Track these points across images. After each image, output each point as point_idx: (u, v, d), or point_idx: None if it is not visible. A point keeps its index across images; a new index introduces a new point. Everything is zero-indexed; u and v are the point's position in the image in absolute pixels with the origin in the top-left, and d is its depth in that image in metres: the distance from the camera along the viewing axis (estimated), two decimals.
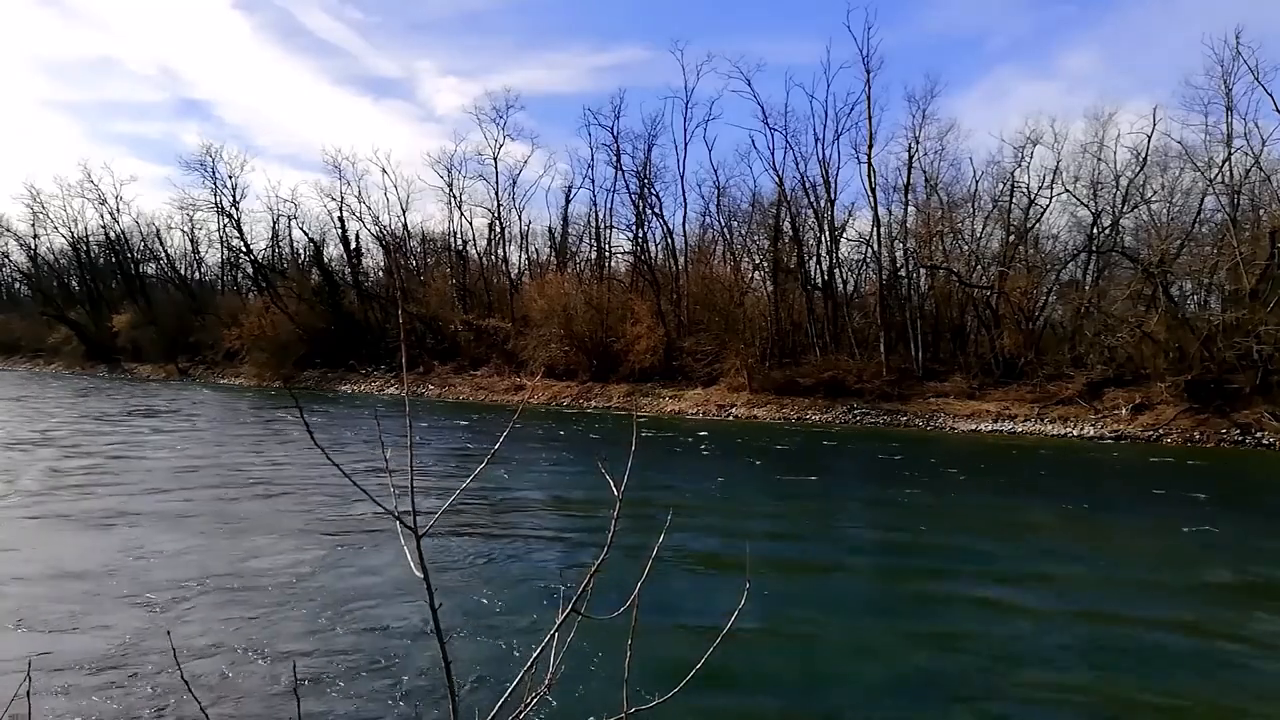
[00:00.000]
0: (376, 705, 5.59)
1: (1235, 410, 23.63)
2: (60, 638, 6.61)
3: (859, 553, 10.82)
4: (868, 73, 33.69)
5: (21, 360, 61.84)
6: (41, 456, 16.45)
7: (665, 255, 42.21)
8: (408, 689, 5.83)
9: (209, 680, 5.85)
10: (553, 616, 1.62)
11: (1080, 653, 7.00)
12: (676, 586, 8.51)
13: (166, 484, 13.73)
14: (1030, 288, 30.58)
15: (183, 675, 5.45)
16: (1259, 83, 26.39)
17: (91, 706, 5.43)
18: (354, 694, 5.75)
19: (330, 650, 6.52)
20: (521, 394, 36.85)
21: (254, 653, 6.40)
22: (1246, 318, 23.76)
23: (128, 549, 9.35)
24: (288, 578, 8.45)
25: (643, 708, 1.65)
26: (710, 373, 34.30)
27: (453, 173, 47.79)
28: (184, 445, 19.13)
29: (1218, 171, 27.53)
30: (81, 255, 61.88)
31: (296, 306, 48.38)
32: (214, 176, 50.69)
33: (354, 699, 5.67)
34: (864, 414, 29.05)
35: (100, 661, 6.15)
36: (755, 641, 7.00)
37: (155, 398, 35.00)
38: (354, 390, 42.20)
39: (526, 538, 10.66)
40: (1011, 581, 9.39)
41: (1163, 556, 10.88)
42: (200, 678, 5.86)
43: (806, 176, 36.10)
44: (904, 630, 7.58)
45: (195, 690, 5.56)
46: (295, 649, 6.51)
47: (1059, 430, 25.49)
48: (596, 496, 13.53)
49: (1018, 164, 32.54)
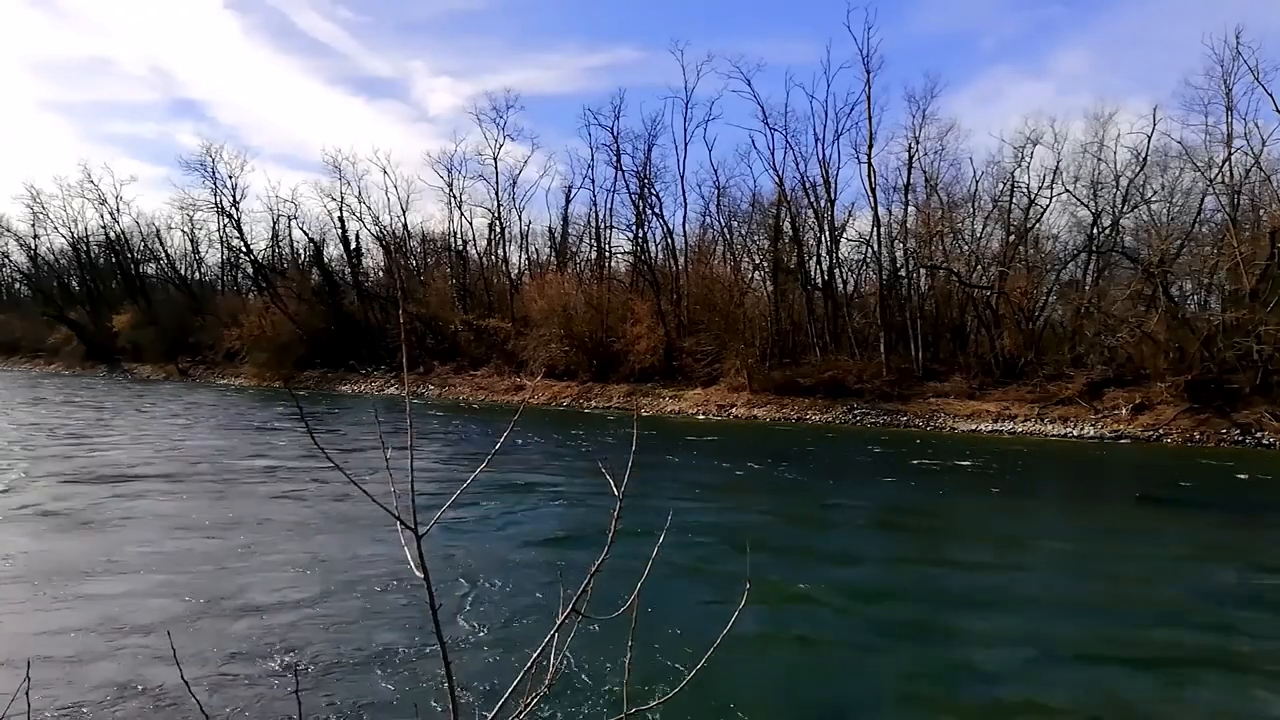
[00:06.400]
0: (376, 705, 5.59)
1: (1235, 410, 23.63)
2: (60, 638, 6.60)
3: (859, 554, 10.82)
4: (868, 73, 33.72)
5: (21, 360, 61.82)
6: (40, 457, 16.44)
7: (665, 255, 42.22)
8: (408, 689, 5.83)
9: (209, 681, 5.85)
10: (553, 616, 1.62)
11: (1082, 653, 6.99)
12: (677, 587, 8.51)
13: (166, 484, 13.72)
14: (1030, 288, 30.58)
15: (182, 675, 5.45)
16: (1259, 83, 26.41)
17: (91, 707, 5.42)
18: (354, 694, 5.75)
19: (330, 650, 6.51)
20: (521, 394, 36.85)
21: (254, 653, 6.39)
22: (1246, 318, 23.76)
23: (127, 549, 9.34)
24: (287, 578, 8.45)
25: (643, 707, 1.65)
26: (710, 373, 34.29)
27: (453, 173, 47.87)
28: (183, 445, 19.12)
29: (1218, 171, 27.53)
30: (81, 255, 61.89)
31: (296, 307, 48.35)
32: (214, 177, 50.71)
33: (354, 699, 5.67)
34: (864, 414, 29.05)
35: (100, 662, 6.14)
36: (755, 642, 7.00)
37: (155, 398, 34.99)
38: (354, 390, 42.19)
39: (526, 537, 10.66)
40: (1011, 581, 9.39)
41: (1163, 557, 10.87)
42: (200, 678, 5.86)
43: (806, 176, 36.16)
44: (904, 631, 7.57)
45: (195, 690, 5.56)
46: (296, 649, 6.50)
47: (1059, 430, 25.48)
48: (597, 497, 13.52)
49: (1018, 164, 32.58)
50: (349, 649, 6.55)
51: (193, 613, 7.29)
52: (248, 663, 6.21)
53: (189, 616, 7.18)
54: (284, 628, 6.99)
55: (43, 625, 6.91)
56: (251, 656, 6.32)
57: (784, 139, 42.77)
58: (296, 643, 6.65)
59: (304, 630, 6.95)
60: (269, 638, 6.73)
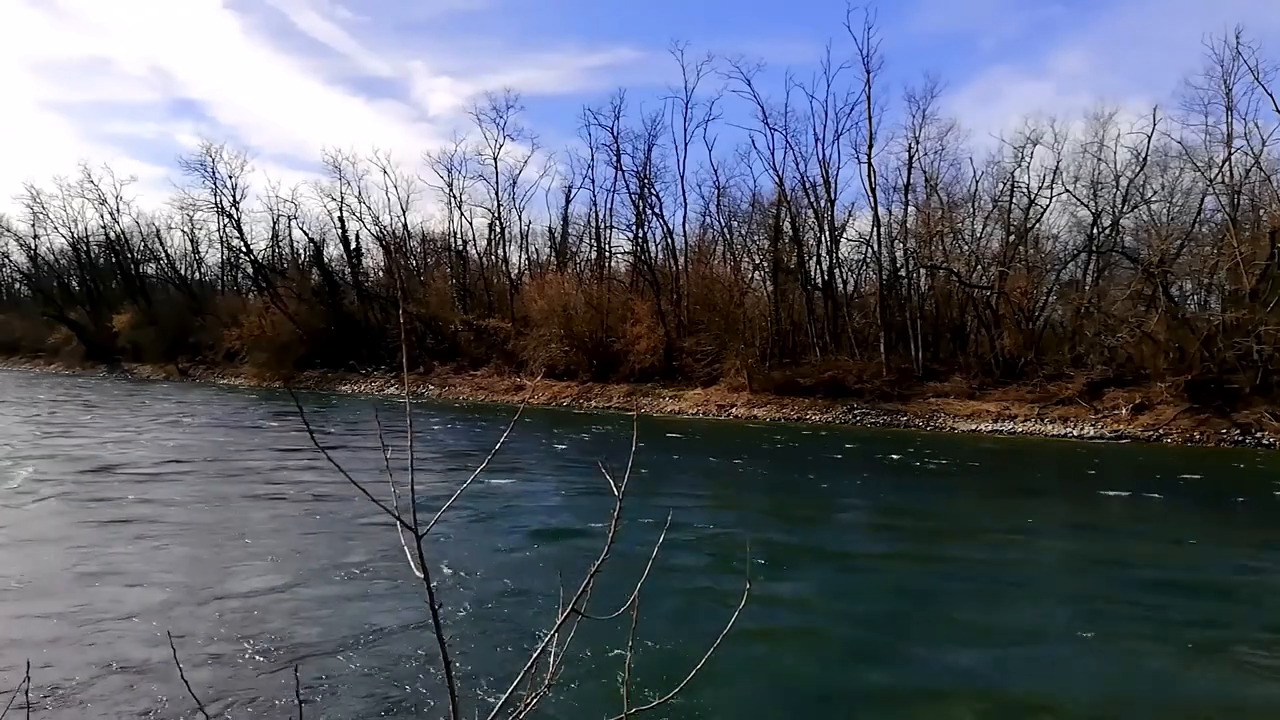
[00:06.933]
0: (377, 705, 5.58)
1: (1235, 410, 23.64)
2: (60, 639, 6.60)
3: (859, 553, 10.82)
4: (868, 73, 33.75)
5: (21, 360, 61.83)
6: (39, 457, 16.44)
7: (665, 255, 42.23)
8: (408, 689, 5.83)
9: (209, 681, 5.85)
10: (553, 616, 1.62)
11: (1082, 655, 6.99)
12: (677, 587, 8.50)
13: (165, 484, 13.71)
14: (1030, 288, 30.59)
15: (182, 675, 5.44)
16: (1259, 83, 26.43)
17: (91, 708, 5.42)
18: (354, 694, 5.74)
19: (330, 651, 6.51)
20: (521, 394, 36.85)
21: (254, 653, 6.39)
22: (1246, 318, 23.77)
23: (126, 549, 9.34)
24: (287, 578, 8.45)
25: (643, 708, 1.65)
26: (710, 373, 34.29)
27: (453, 173, 47.86)
28: (183, 445, 19.12)
29: (1218, 171, 27.54)
30: (81, 255, 61.90)
31: (296, 307, 48.36)
32: (214, 177, 50.72)
33: (354, 699, 5.67)
34: (864, 414, 29.05)
35: (99, 662, 6.14)
36: (755, 642, 7.00)
37: (155, 398, 35.00)
38: (354, 390, 42.19)
39: (526, 538, 10.66)
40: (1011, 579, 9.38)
41: (1163, 558, 10.87)
42: (200, 679, 5.86)
43: (806, 176, 36.17)
44: (904, 631, 7.57)
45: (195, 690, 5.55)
46: (296, 649, 6.50)
47: (1059, 430, 25.49)
48: (597, 497, 13.52)
49: (1018, 164, 32.61)
50: (349, 649, 6.55)
51: (191, 613, 7.28)
52: (247, 662, 6.20)
53: (188, 616, 7.18)
54: (283, 628, 6.99)
55: (42, 626, 6.90)
56: (250, 656, 6.32)
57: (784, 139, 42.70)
58: (296, 643, 6.65)
59: (304, 630, 6.95)
60: (268, 637, 6.73)
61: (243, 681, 5.87)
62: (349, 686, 5.86)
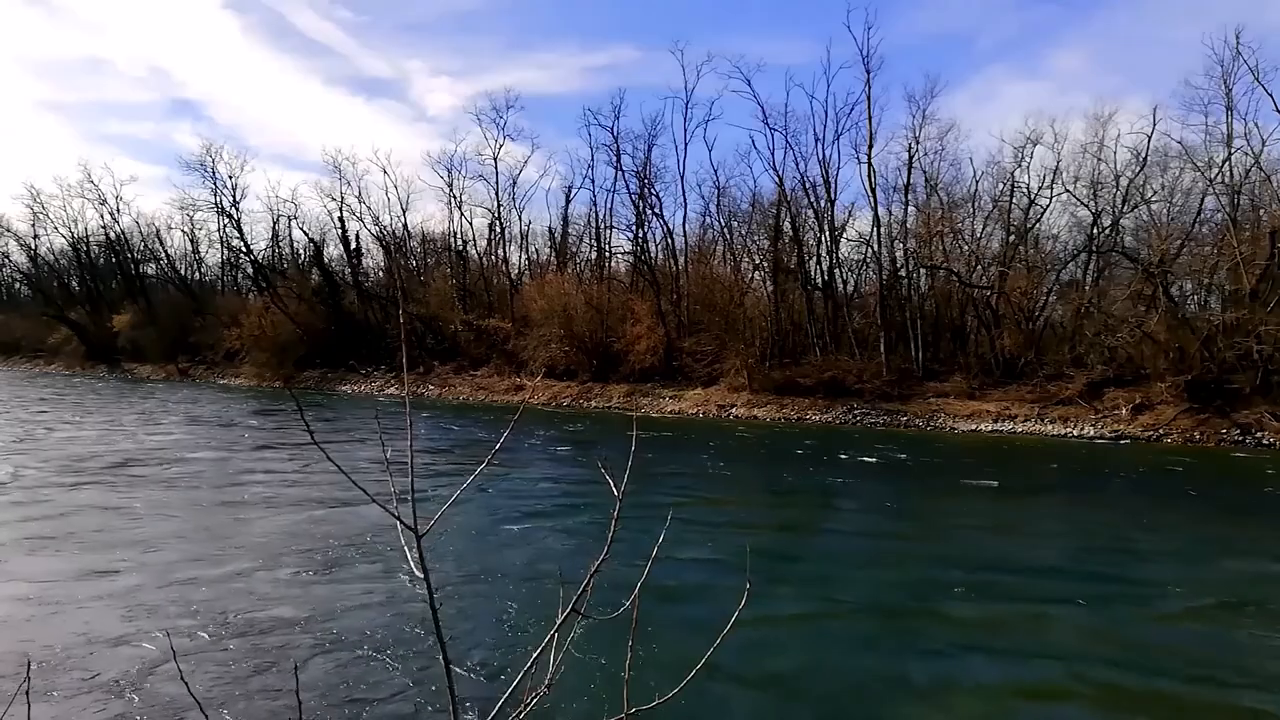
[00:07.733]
0: (377, 705, 5.59)
1: (1235, 410, 23.64)
2: (59, 639, 6.60)
3: (860, 553, 10.81)
4: (868, 73, 33.73)
5: (22, 360, 61.84)
6: (38, 456, 16.44)
7: (665, 255, 42.22)
8: (408, 689, 5.83)
9: (209, 681, 5.85)
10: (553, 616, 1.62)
11: (1083, 656, 6.99)
12: (677, 586, 8.51)
13: (165, 484, 13.72)
14: (1030, 288, 30.59)
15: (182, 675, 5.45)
16: (1259, 83, 26.42)
17: (91, 709, 5.42)
18: (354, 694, 5.75)
19: (330, 650, 6.51)
20: (521, 394, 36.85)
21: (253, 652, 6.39)
22: (1246, 318, 23.77)
23: (126, 550, 9.34)
24: (287, 578, 8.45)
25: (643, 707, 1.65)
26: (710, 373, 34.29)
27: (452, 173, 47.89)
28: (182, 445, 19.12)
29: (1218, 171, 27.54)
30: (81, 255, 61.92)
31: (296, 307, 48.36)
32: (214, 177, 50.76)
33: (354, 699, 5.67)
34: (864, 414, 29.05)
35: (99, 663, 6.14)
36: (756, 641, 7.00)
37: (154, 398, 34.99)
38: (354, 390, 42.19)
39: (527, 538, 10.66)
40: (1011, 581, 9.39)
41: (1163, 559, 10.87)
42: (199, 679, 5.86)
43: (806, 176, 36.15)
44: (905, 630, 7.57)
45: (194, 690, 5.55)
46: (295, 649, 6.51)
47: (1059, 430, 25.48)
48: (597, 497, 13.52)
49: (1018, 164, 32.60)
50: (349, 648, 6.55)
51: (190, 613, 7.28)
52: (246, 662, 6.20)
53: (186, 616, 7.18)
54: (283, 628, 6.99)
55: (41, 626, 6.91)
56: (250, 656, 6.32)
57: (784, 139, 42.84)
58: (296, 642, 6.65)
59: (303, 630, 6.95)
60: (267, 637, 6.73)
61: (242, 681, 5.88)
62: (349, 686, 5.87)
